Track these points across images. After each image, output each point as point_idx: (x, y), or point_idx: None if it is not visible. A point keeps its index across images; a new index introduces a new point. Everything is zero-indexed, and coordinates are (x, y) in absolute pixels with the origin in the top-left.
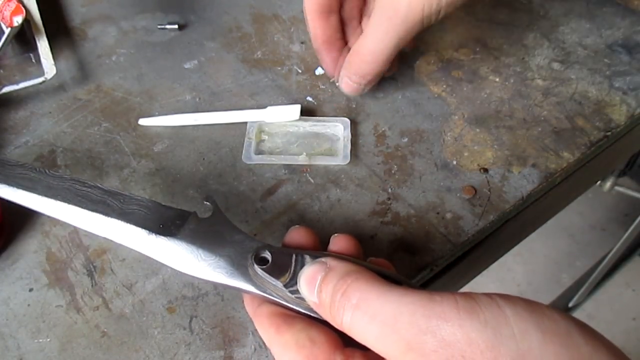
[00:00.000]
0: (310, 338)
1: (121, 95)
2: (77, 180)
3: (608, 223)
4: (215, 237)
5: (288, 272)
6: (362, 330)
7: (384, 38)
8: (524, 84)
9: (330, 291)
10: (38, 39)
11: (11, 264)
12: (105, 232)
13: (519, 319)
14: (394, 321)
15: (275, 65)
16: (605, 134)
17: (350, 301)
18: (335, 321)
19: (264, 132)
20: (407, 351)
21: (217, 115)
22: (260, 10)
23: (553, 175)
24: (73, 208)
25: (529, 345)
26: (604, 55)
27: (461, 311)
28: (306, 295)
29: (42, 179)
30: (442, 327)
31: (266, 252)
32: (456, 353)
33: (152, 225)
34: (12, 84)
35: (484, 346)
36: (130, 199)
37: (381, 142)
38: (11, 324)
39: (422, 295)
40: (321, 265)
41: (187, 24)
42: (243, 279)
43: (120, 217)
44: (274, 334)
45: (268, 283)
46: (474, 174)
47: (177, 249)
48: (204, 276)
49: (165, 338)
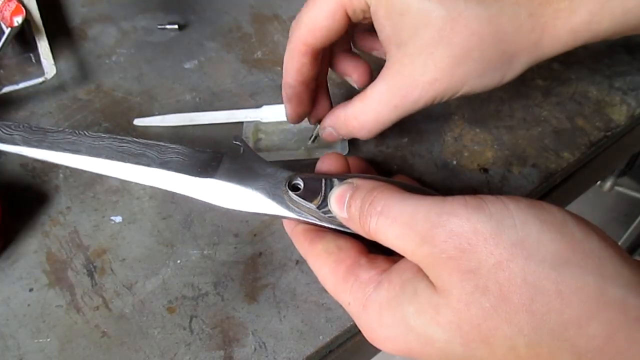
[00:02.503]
0: (338, 246)
1: (121, 95)
2: (115, 137)
3: (608, 223)
4: (249, 172)
5: (319, 195)
6: (385, 232)
7: (390, 112)
8: (524, 84)
9: (358, 205)
10: (38, 39)
11: (11, 264)
12: (149, 182)
13: (520, 212)
14: (411, 221)
15: (275, 65)
16: (605, 134)
17: (376, 209)
18: (364, 229)
19: (260, 131)
20: (421, 244)
21: (213, 115)
22: (260, 10)
23: (553, 175)
24: (117, 163)
25: (528, 232)
26: (604, 55)
27: (469, 207)
28: (337, 213)
29: (83, 140)
30: (452, 221)
31: (298, 179)
32: (463, 241)
33: (192, 169)
34: (12, 84)
35: (487, 234)
36: (166, 148)
37: (381, 142)
38: (11, 324)
39: (436, 199)
40: (349, 185)
41: (187, 24)
42: (280, 206)
43: (161, 166)
44: (308, 246)
45: (302, 206)
46: (474, 174)
47: (217, 188)
48: (245, 208)
49: (165, 338)
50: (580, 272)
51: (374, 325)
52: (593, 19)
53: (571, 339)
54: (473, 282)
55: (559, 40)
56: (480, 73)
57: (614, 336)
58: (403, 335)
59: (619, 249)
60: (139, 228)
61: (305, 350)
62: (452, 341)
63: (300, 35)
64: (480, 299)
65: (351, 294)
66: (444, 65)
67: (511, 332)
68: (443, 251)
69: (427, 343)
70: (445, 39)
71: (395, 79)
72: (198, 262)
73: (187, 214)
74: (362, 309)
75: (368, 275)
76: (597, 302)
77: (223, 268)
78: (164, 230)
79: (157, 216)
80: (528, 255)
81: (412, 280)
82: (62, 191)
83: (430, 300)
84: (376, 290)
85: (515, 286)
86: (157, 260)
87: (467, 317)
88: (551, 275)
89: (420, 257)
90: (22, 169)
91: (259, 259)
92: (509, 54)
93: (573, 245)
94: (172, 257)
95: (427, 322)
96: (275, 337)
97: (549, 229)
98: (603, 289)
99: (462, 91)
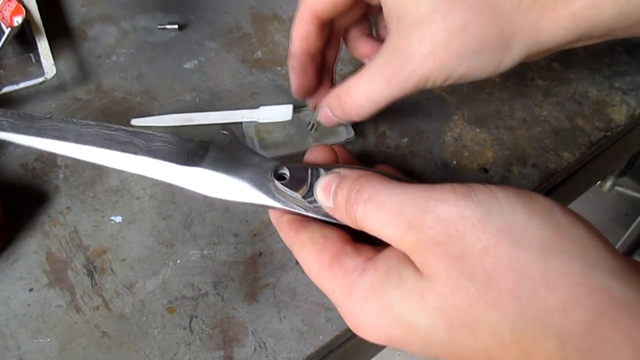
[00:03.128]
0: (324, 235)
1: (121, 95)
2: (103, 125)
3: (608, 223)
4: (235, 161)
5: (305, 184)
6: (372, 219)
7: (383, 88)
8: (524, 84)
9: (345, 193)
10: (38, 39)
11: (11, 264)
12: (135, 170)
13: (508, 200)
14: (399, 207)
15: (275, 65)
16: (605, 134)
17: (363, 196)
18: (350, 217)
19: (261, 130)
20: (409, 230)
21: (210, 116)
22: (260, 10)
23: (553, 175)
24: (104, 151)
25: (515, 219)
26: (604, 55)
27: (457, 194)
28: (322, 202)
29: (71, 127)
30: (440, 207)
31: (284, 168)
32: (450, 227)
33: (178, 158)
34: (12, 84)
35: (475, 220)
36: (153, 136)
37: (381, 142)
38: (11, 324)
39: (424, 186)
40: (335, 175)
41: (187, 24)
42: (266, 196)
43: (148, 154)
44: (293, 235)
45: (288, 196)
46: (474, 174)
47: (204, 176)
48: (231, 197)
49: (165, 338)
50: (566, 258)
51: (358, 312)
52: (594, 4)
53: (556, 325)
54: (459, 268)
55: (559, 24)
56: (476, 50)
57: (599, 322)
58: (386, 321)
59: (604, 239)
60: (139, 228)
61: (305, 350)
62: (436, 327)
63: (307, 2)
64: (466, 284)
65: (336, 281)
66: (439, 37)
67: (496, 318)
68: (430, 237)
69: (411, 330)
70: (444, 11)
71: (390, 52)
72: (198, 262)
73: (187, 214)
74: (346, 296)
75: (353, 263)
76: (582, 288)
77: (223, 268)
78: (164, 230)
79: (157, 216)
80: (515, 241)
81: (398, 266)
82: (62, 191)
83: (416, 286)
84: (361, 277)
85: (502, 272)
86: (157, 260)
87: (453, 302)
88: (537, 261)
89: (407, 243)
90: (22, 169)
91: (259, 259)
92: (507, 33)
93: (559, 233)
94: (172, 257)
95: (411, 308)
96: (275, 337)
97: (536, 216)
98: (588, 275)
99: (456, 73)
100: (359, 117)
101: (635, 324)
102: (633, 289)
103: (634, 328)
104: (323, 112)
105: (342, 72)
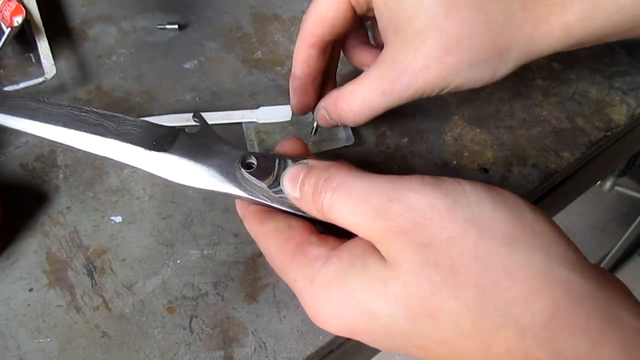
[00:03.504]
0: (288, 225)
1: (121, 95)
2: (74, 106)
3: (608, 223)
4: (204, 149)
5: (272, 174)
6: (339, 208)
7: (379, 97)
8: (524, 83)
9: (313, 182)
10: (38, 39)
11: (11, 264)
12: (104, 152)
13: (475, 192)
14: (367, 195)
15: (275, 65)
16: (605, 134)
17: (331, 185)
18: (317, 206)
19: (260, 132)
20: (376, 218)
21: (209, 116)
22: (260, 10)
23: (553, 175)
24: (73, 132)
25: (482, 211)
26: (604, 55)
27: (426, 184)
28: (289, 192)
29: (42, 107)
30: (408, 195)
31: (252, 157)
32: (418, 216)
33: (147, 142)
34: (12, 84)
35: (443, 210)
36: (124, 120)
37: (381, 142)
38: (11, 324)
39: (393, 176)
40: (304, 165)
41: (187, 24)
42: (232, 185)
43: (117, 138)
44: (258, 225)
45: (254, 185)
46: (474, 174)
47: (170, 162)
48: (198, 185)
49: (165, 338)
50: (529, 251)
51: (319, 300)
52: (586, 15)
53: (516, 316)
54: (425, 256)
55: (553, 35)
56: (471, 62)
57: (558, 314)
58: (348, 310)
59: (565, 235)
60: (139, 228)
61: (305, 350)
62: (397, 316)
63: (307, 27)
64: (431, 272)
65: (298, 270)
66: (435, 52)
67: (458, 307)
68: (398, 225)
69: (372, 318)
70: (438, 26)
71: (387, 64)
72: (198, 262)
73: (187, 214)
74: (308, 285)
75: (317, 252)
76: (543, 280)
77: (223, 268)
78: (164, 230)
79: (157, 216)
80: (480, 232)
81: (363, 255)
82: (62, 191)
83: (380, 274)
84: (324, 265)
85: (466, 261)
86: (157, 260)
87: (416, 290)
88: (501, 252)
89: (373, 231)
90: (22, 169)
91: (259, 259)
92: (501, 45)
93: (524, 226)
94: (172, 257)
95: (373, 296)
96: (275, 337)
97: (502, 209)
98: (550, 268)
99: (453, 83)
100: (354, 124)
101: (592, 317)
102: (591, 283)
103: (590, 320)
104: (320, 113)
105: (341, 72)
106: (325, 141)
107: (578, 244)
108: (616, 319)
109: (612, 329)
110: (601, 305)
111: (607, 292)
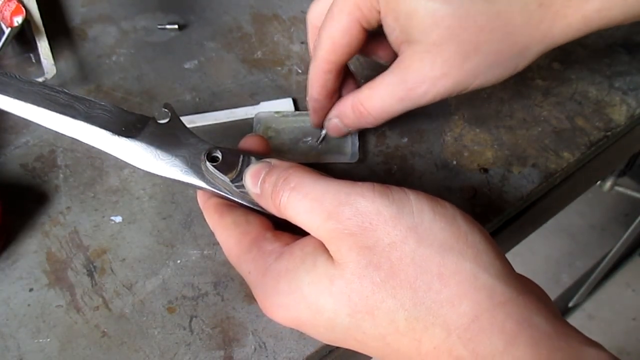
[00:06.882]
0: (247, 219)
1: (121, 95)
2: (46, 85)
3: (608, 223)
4: (172, 139)
5: (235, 169)
6: (295, 206)
7: (396, 102)
8: (524, 84)
9: (273, 180)
10: (38, 39)
11: (11, 264)
12: (72, 133)
13: (418, 202)
14: (321, 197)
15: (275, 65)
16: (605, 134)
17: (290, 184)
18: (275, 203)
19: (270, 128)
20: (327, 219)
21: (207, 116)
22: (260, 10)
23: (553, 175)
24: (42, 110)
25: (422, 219)
26: (604, 55)
27: (376, 192)
28: (250, 188)
29: (13, 83)
30: (358, 201)
31: (217, 151)
32: (365, 220)
33: (115, 127)
34: None
35: (388, 217)
36: (94, 103)
37: (381, 142)
38: (11, 324)
39: (347, 182)
40: (266, 163)
41: (187, 24)
42: (196, 176)
43: (85, 120)
44: (218, 218)
45: (217, 178)
46: (474, 174)
47: (137, 149)
48: (162, 173)
49: (165, 338)
50: (460, 258)
51: (270, 292)
52: (604, 5)
53: (444, 316)
54: (368, 258)
55: (571, 27)
56: (490, 65)
57: (480, 316)
58: (295, 303)
59: (497, 246)
60: (139, 228)
61: (305, 350)
62: (339, 311)
63: (322, 54)
64: (372, 273)
65: (253, 263)
66: (452, 61)
67: (394, 306)
68: (346, 227)
69: (317, 312)
70: (454, 36)
71: (403, 72)
72: (198, 262)
73: (187, 214)
74: (261, 277)
75: (271, 247)
76: (470, 285)
77: (223, 268)
78: (164, 230)
79: (157, 216)
80: (419, 239)
81: (313, 253)
82: (62, 191)
83: (327, 272)
84: (277, 260)
85: (405, 265)
86: (157, 260)
87: (358, 288)
88: (436, 258)
89: (324, 232)
90: (22, 169)
91: None
92: (520, 45)
93: (458, 236)
94: (172, 257)
95: (319, 291)
96: (275, 337)
97: (440, 219)
98: (477, 275)
99: (472, 85)
100: (371, 125)
101: (508, 319)
102: (512, 290)
103: (506, 323)
104: (331, 124)
105: None
106: (330, 153)
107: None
108: (529, 322)
109: (525, 331)
110: (518, 310)
111: (525, 298)
